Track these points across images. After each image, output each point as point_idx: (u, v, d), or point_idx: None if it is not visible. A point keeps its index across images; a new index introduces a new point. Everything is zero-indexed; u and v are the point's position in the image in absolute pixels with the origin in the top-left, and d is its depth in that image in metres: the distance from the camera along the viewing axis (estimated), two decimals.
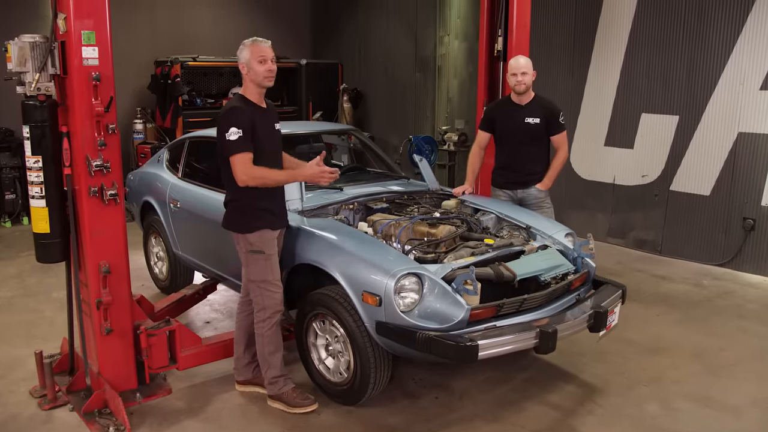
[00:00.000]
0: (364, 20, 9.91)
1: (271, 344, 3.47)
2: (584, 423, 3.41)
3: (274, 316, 3.44)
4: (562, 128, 4.50)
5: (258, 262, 3.37)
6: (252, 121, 3.27)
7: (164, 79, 8.51)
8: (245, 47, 3.31)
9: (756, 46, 5.66)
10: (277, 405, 3.52)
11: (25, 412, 3.50)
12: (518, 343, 3.09)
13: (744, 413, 3.52)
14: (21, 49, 3.13)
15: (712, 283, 5.68)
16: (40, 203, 3.29)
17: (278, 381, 3.52)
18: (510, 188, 4.57)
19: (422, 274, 3.15)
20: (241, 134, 3.20)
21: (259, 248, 3.36)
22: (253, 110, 3.33)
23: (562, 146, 4.53)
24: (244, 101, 3.35)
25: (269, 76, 3.32)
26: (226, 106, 3.39)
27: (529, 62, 4.39)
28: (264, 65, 3.29)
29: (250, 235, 3.35)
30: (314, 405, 3.47)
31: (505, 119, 4.52)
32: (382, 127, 9.80)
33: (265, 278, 3.38)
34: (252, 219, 3.36)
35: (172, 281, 5.21)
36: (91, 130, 3.20)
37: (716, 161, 6.04)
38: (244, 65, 3.31)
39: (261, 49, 3.29)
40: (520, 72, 4.34)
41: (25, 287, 5.57)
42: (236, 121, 3.22)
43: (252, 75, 3.31)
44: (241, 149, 3.21)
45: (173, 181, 4.96)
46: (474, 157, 4.71)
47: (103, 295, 3.33)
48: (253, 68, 3.29)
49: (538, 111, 4.44)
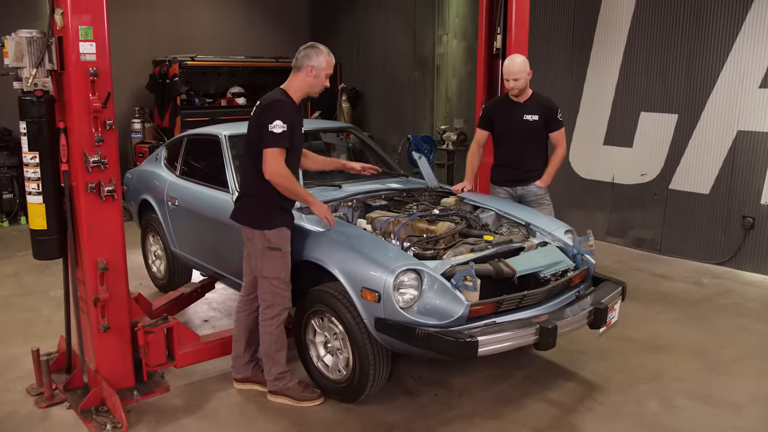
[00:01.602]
0: (363, 19, 9.90)
1: (278, 342, 3.48)
2: (584, 420, 3.39)
3: (282, 313, 3.44)
4: (561, 125, 4.48)
5: (275, 259, 3.37)
6: (294, 119, 3.29)
7: (162, 78, 8.50)
8: (323, 54, 3.34)
9: (755, 44, 5.65)
10: (281, 400, 3.51)
11: (21, 410, 3.48)
12: (518, 340, 3.07)
13: (744, 410, 3.50)
14: (18, 44, 3.11)
15: (712, 281, 5.67)
16: (37, 199, 3.27)
17: (284, 376, 3.52)
18: (509, 185, 4.56)
19: (421, 270, 3.13)
20: (285, 129, 3.21)
21: (277, 245, 3.36)
22: (295, 109, 3.36)
23: (560, 143, 4.51)
24: (288, 97, 3.36)
25: (322, 91, 3.45)
26: (272, 97, 3.34)
27: (523, 65, 4.33)
28: (327, 81, 3.40)
29: (268, 232, 3.34)
30: (321, 398, 3.50)
31: (504, 117, 4.51)
32: (381, 127, 9.79)
33: (278, 275, 3.38)
34: (272, 216, 3.36)
35: (170, 280, 5.20)
36: (88, 126, 3.18)
37: (715, 160, 6.03)
38: (314, 68, 3.32)
39: (332, 64, 3.39)
40: (512, 79, 4.31)
41: (22, 286, 5.55)
42: (283, 115, 3.23)
43: (314, 82, 3.36)
44: (281, 144, 3.21)
45: (171, 179, 4.94)
46: (473, 155, 4.70)
47: (101, 292, 3.31)
48: (320, 77, 3.36)
49: (537, 108, 4.42)
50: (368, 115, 10.05)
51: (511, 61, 4.36)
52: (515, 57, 4.38)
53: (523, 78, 4.33)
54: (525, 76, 4.33)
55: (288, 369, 3.55)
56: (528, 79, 4.37)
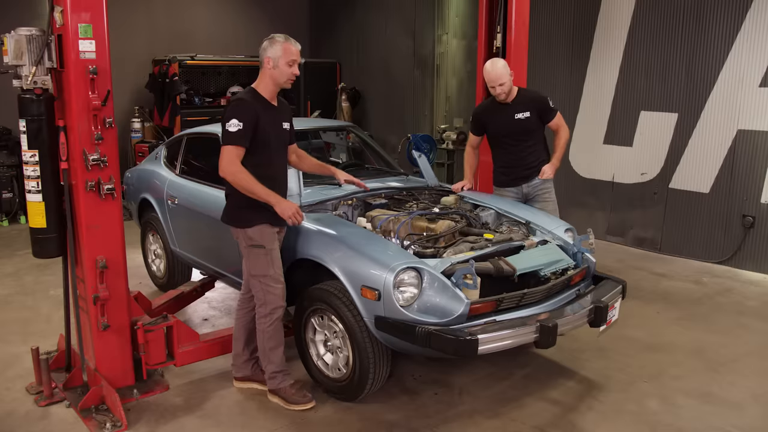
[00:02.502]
0: (363, 19, 9.90)
1: (272, 340, 3.45)
2: (584, 419, 3.39)
3: (276, 311, 3.41)
4: (555, 111, 4.43)
5: (259, 257, 3.35)
6: (256, 118, 3.22)
7: (162, 78, 8.50)
8: (278, 43, 3.24)
9: (755, 43, 5.65)
10: (275, 400, 3.51)
11: (21, 409, 3.47)
12: (518, 338, 3.07)
13: (745, 409, 3.50)
14: (17, 42, 3.10)
15: (712, 280, 5.67)
16: (37, 198, 3.26)
17: (277, 376, 3.50)
18: (513, 185, 4.52)
19: (421, 268, 3.12)
20: (241, 128, 3.17)
21: (259, 243, 3.33)
22: (262, 106, 3.29)
23: (560, 127, 4.45)
24: (254, 96, 3.31)
25: (292, 79, 3.31)
26: (234, 97, 3.35)
27: (504, 68, 4.23)
28: (292, 68, 3.27)
29: (249, 230, 3.33)
30: (311, 403, 3.44)
31: (495, 120, 4.45)
32: (381, 126, 9.78)
33: (266, 273, 3.35)
34: (250, 214, 3.32)
35: (169, 279, 5.19)
36: (87, 124, 3.17)
37: (715, 159, 6.03)
38: (271, 60, 3.25)
39: (294, 51, 3.27)
40: (498, 84, 4.23)
41: (21, 285, 5.54)
42: (240, 113, 3.19)
43: (276, 73, 3.27)
44: (235, 142, 3.18)
45: (171, 178, 4.93)
46: (469, 156, 4.68)
47: (100, 291, 3.31)
48: (280, 67, 3.25)
49: (526, 105, 4.35)
50: (368, 115, 10.04)
51: (492, 66, 4.24)
52: (496, 62, 4.27)
53: (507, 81, 4.23)
54: (508, 79, 4.24)
55: (282, 369, 3.51)
56: (510, 79, 4.26)
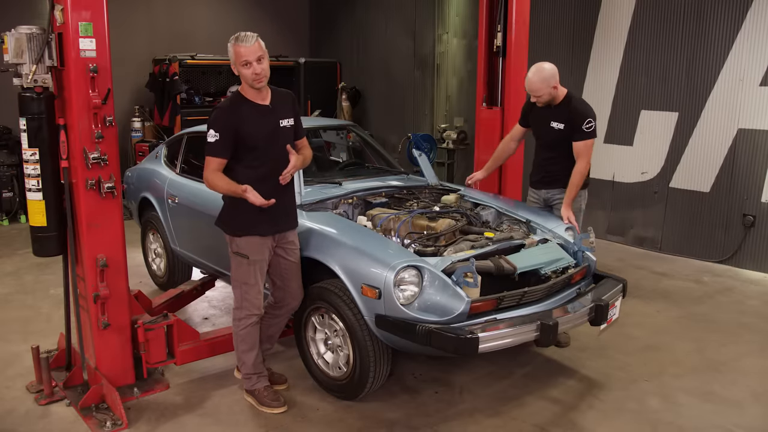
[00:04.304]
0: (363, 18, 9.89)
1: (245, 343, 3.43)
2: (585, 417, 3.39)
3: (250, 317, 3.38)
4: (585, 136, 4.02)
5: (241, 265, 3.30)
6: (234, 126, 3.12)
7: (162, 77, 8.49)
8: (230, 45, 3.11)
9: (756, 42, 5.65)
10: (250, 400, 3.50)
11: (21, 408, 3.47)
12: (519, 336, 3.07)
13: (746, 407, 3.50)
14: (18, 40, 3.10)
15: (713, 279, 5.67)
16: (37, 196, 3.26)
17: (252, 377, 3.48)
18: (536, 187, 4.39)
19: (422, 266, 3.12)
20: (217, 138, 3.10)
21: (244, 253, 3.28)
22: (248, 109, 3.19)
23: (580, 156, 4.05)
24: (237, 100, 3.21)
25: (256, 79, 3.09)
26: (218, 104, 3.29)
27: (541, 83, 4.00)
28: (248, 69, 3.07)
29: (237, 239, 3.29)
30: (283, 407, 3.40)
31: (535, 119, 4.29)
32: (381, 126, 9.78)
33: (246, 281, 3.32)
34: (240, 223, 3.26)
35: (170, 278, 5.19)
36: (88, 122, 3.17)
37: (716, 158, 6.03)
38: (232, 63, 3.14)
39: (243, 52, 3.04)
40: (534, 95, 4.06)
41: (22, 284, 5.54)
42: (215, 123, 3.13)
43: (240, 74, 3.14)
44: (213, 153, 3.13)
45: (171, 177, 4.93)
46: (500, 145, 4.56)
47: (101, 289, 3.31)
48: (239, 71, 3.12)
49: (565, 116, 4.07)
50: (368, 114, 10.04)
51: (532, 76, 4.03)
52: (538, 71, 4.02)
53: (545, 93, 4.03)
54: (547, 91, 4.02)
55: (257, 371, 3.47)
56: (551, 91, 4.03)
